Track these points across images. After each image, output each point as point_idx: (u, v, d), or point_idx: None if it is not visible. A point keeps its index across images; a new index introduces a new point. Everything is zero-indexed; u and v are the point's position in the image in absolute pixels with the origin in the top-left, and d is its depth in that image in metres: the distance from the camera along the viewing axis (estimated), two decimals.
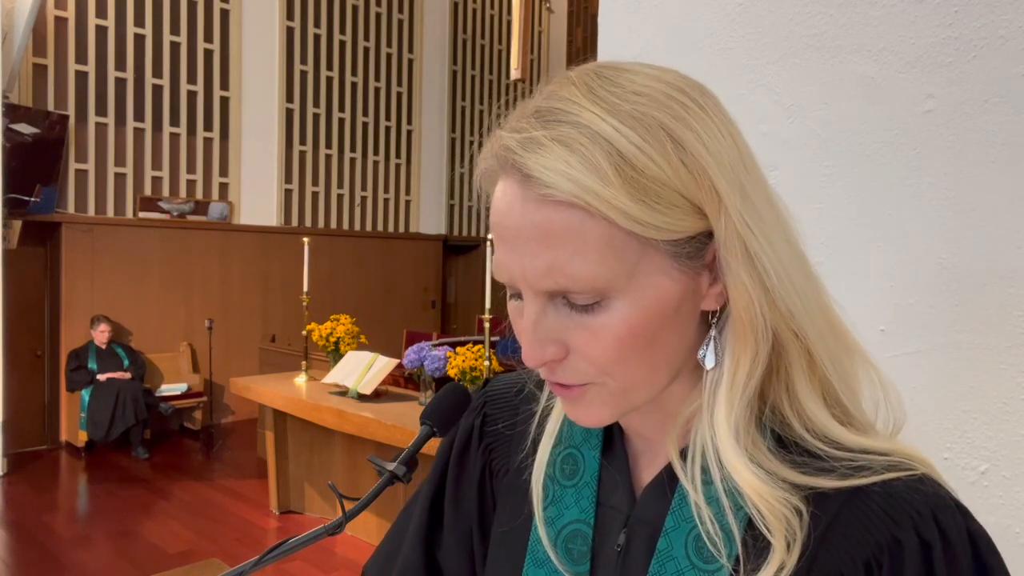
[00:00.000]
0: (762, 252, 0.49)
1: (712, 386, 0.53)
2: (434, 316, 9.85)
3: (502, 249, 0.52)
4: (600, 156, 0.47)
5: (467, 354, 3.71)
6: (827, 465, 0.51)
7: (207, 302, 7.48)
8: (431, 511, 0.71)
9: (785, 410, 0.53)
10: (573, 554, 0.59)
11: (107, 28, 6.80)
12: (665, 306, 0.50)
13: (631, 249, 0.48)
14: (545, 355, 0.51)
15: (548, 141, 0.48)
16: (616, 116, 0.48)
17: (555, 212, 0.48)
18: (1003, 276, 0.98)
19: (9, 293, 5.74)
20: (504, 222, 0.50)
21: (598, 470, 0.61)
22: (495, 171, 0.52)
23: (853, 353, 0.55)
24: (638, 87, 0.49)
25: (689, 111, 0.49)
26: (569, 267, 0.48)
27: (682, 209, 0.48)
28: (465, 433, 0.71)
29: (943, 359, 1.02)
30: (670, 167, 0.48)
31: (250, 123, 7.82)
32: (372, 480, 1.48)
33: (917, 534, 0.49)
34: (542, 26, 10.48)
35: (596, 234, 0.47)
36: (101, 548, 4.41)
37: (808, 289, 0.52)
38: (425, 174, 9.72)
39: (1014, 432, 0.98)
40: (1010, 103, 0.97)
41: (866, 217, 1.09)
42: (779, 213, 0.53)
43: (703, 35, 1.27)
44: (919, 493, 0.50)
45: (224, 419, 7.60)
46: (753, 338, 0.51)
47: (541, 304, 0.51)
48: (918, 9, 1.04)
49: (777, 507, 0.50)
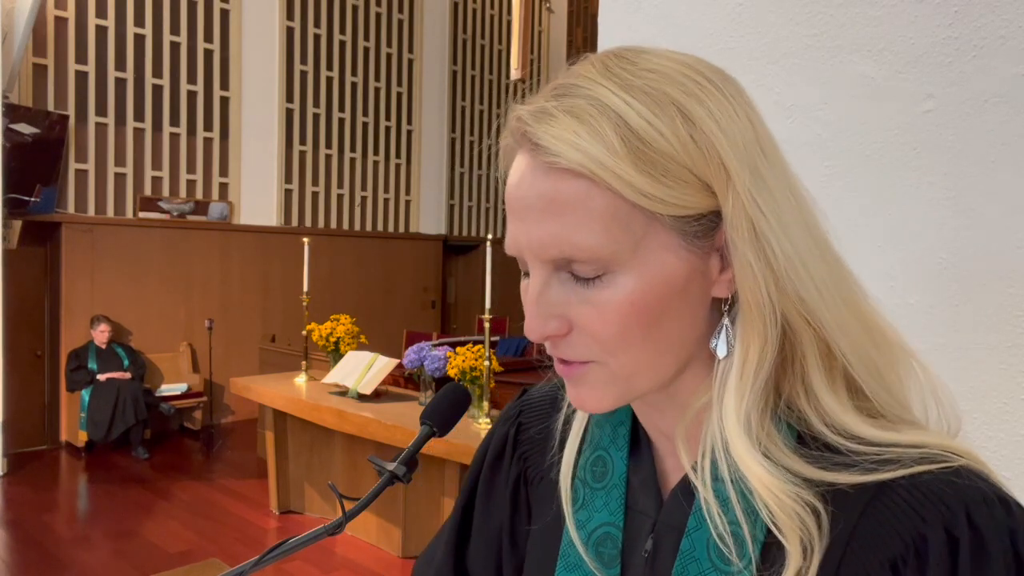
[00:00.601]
0: (771, 233, 0.48)
1: (722, 376, 0.52)
2: (434, 316, 9.84)
3: (512, 221, 0.52)
4: (608, 127, 0.47)
5: (467, 354, 3.71)
6: (848, 460, 0.49)
7: (207, 302, 7.48)
8: (462, 519, 0.71)
9: (802, 404, 0.51)
10: (604, 557, 0.59)
11: (107, 28, 6.80)
12: (670, 284, 0.49)
13: (637, 222, 0.48)
14: (547, 329, 0.51)
15: (558, 112, 0.48)
16: (628, 91, 0.48)
17: (561, 181, 0.48)
18: (1003, 276, 0.98)
19: (9, 293, 5.74)
20: (514, 193, 0.51)
21: (625, 471, 0.60)
22: (513, 148, 0.52)
23: (892, 350, 0.53)
24: (653, 65, 0.50)
25: (704, 89, 0.49)
26: (574, 236, 0.48)
27: (690, 185, 0.48)
28: (500, 441, 0.71)
29: (943, 359, 1.02)
30: (679, 141, 0.47)
31: (250, 123, 7.82)
32: (372, 480, 1.48)
33: (945, 530, 0.45)
34: (542, 26, 10.48)
35: (601, 204, 0.47)
36: (101, 548, 4.41)
37: (827, 278, 0.50)
38: (425, 174, 9.72)
39: (1014, 432, 0.98)
40: (1010, 103, 0.97)
41: (866, 217, 1.09)
42: (801, 201, 0.52)
43: (703, 35, 1.27)
44: (951, 486, 0.46)
45: (224, 419, 7.60)
46: (761, 323, 0.49)
47: (546, 276, 0.51)
48: (918, 9, 1.04)
49: (787, 502, 0.48)
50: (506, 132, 0.53)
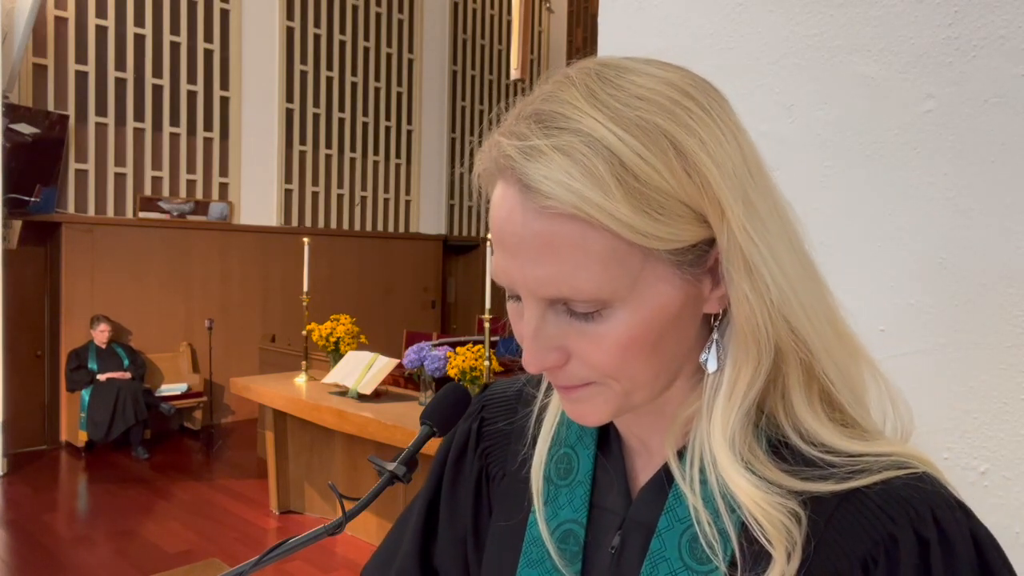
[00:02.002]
0: (763, 265, 0.49)
1: (712, 391, 0.53)
2: (434, 316, 9.84)
3: (503, 255, 0.51)
4: (601, 166, 0.46)
5: (467, 354, 3.71)
6: (825, 472, 0.51)
7: (207, 302, 7.48)
8: (427, 516, 0.71)
9: (781, 419, 0.53)
10: (565, 554, 0.59)
11: (107, 28, 6.79)
12: (667, 313, 0.50)
13: (634, 259, 0.48)
14: (546, 362, 0.51)
15: (549, 150, 0.47)
16: (618, 123, 0.47)
17: (557, 224, 0.47)
18: (1003, 276, 0.98)
19: (9, 293, 5.74)
20: (505, 228, 0.49)
21: (592, 470, 0.61)
22: (494, 174, 0.51)
23: (860, 360, 0.55)
24: (641, 91, 0.48)
25: (692, 116, 0.48)
26: (572, 279, 0.48)
27: (685, 218, 0.48)
28: (462, 437, 0.71)
29: (943, 359, 1.02)
30: (673, 176, 0.47)
31: (250, 123, 7.82)
32: (372, 480, 1.48)
33: (914, 531, 0.48)
34: (542, 26, 10.48)
35: (599, 246, 0.47)
36: (101, 548, 4.41)
37: (813, 301, 0.52)
38: (425, 174, 9.72)
39: (1014, 432, 0.98)
40: (1010, 103, 0.97)
41: (866, 217, 1.09)
42: (785, 221, 0.52)
43: (703, 35, 1.27)
44: (918, 491, 0.49)
45: (224, 419, 7.60)
46: (756, 348, 0.50)
47: (541, 310, 0.51)
48: (918, 9, 1.04)
49: (774, 514, 0.49)
50: (486, 159, 0.51)
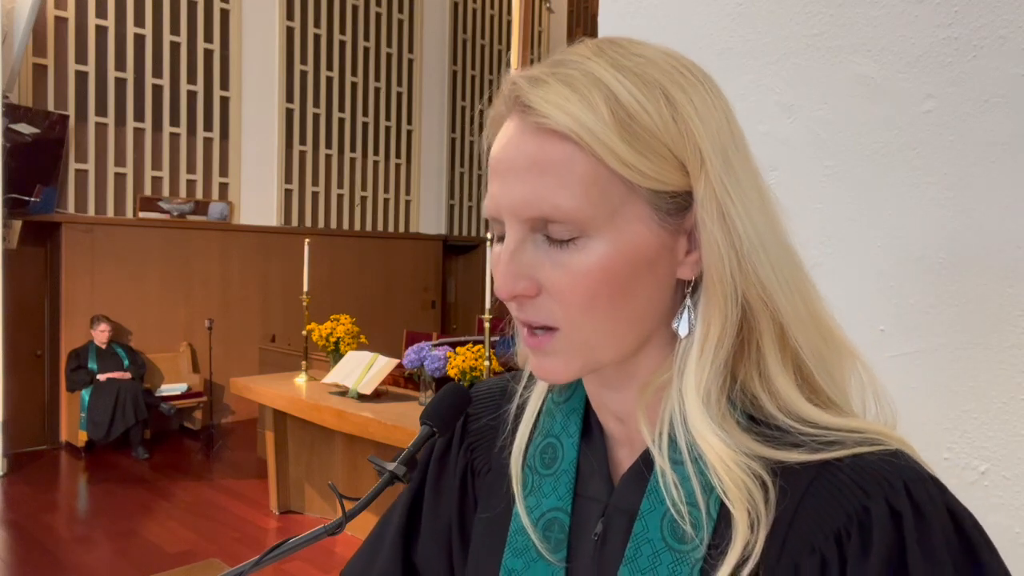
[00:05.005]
0: (736, 216, 0.51)
1: (683, 353, 0.54)
2: (434, 316, 9.84)
3: (494, 182, 0.54)
4: (598, 97, 0.50)
5: (467, 354, 3.71)
6: (796, 440, 0.51)
7: (207, 302, 7.48)
8: (409, 514, 0.71)
9: (756, 388, 0.54)
10: (550, 542, 0.60)
11: (107, 28, 6.80)
12: (640, 255, 0.52)
13: (615, 190, 0.51)
14: (517, 288, 0.53)
15: (552, 80, 0.51)
16: (618, 69, 0.51)
17: (548, 142, 0.50)
18: (1003, 276, 0.98)
19: (9, 293, 5.74)
20: (499, 155, 0.53)
21: (576, 458, 0.62)
22: (502, 116, 0.55)
23: (840, 348, 0.56)
24: (646, 53, 0.53)
25: (687, 80, 0.53)
26: (554, 196, 0.50)
27: (668, 162, 0.51)
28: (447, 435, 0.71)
29: (943, 359, 1.02)
30: (661, 120, 0.50)
31: (250, 123, 7.82)
32: (372, 480, 1.48)
33: (888, 504, 0.48)
34: (542, 26, 10.48)
35: (584, 169, 0.50)
36: (101, 548, 4.41)
37: (784, 267, 0.53)
38: (425, 174, 9.72)
39: (1014, 432, 0.98)
40: (1010, 103, 0.97)
41: (866, 217, 1.09)
42: (763, 192, 0.54)
43: (703, 35, 1.27)
44: (891, 465, 0.49)
45: (224, 419, 7.60)
46: (723, 300, 0.52)
47: (521, 236, 0.53)
48: (918, 9, 1.04)
49: (736, 472, 0.50)
50: (499, 98, 0.55)
